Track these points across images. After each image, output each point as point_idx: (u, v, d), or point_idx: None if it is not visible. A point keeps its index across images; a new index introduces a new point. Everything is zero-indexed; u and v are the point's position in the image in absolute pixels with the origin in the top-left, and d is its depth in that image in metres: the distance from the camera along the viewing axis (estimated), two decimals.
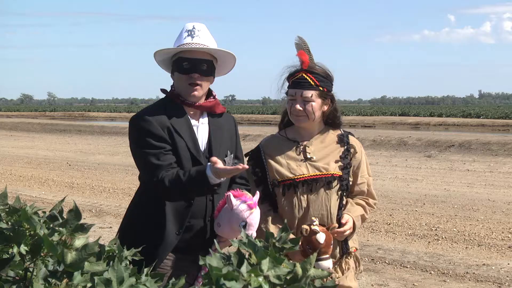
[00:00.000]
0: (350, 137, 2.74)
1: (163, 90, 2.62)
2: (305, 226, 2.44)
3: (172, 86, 2.59)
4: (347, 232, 2.57)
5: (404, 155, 16.33)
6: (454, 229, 7.48)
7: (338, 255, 2.64)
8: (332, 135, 2.72)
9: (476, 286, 5.37)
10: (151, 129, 2.43)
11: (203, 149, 2.54)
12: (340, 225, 2.56)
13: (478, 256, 6.32)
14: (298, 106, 2.60)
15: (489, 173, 13.06)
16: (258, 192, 2.48)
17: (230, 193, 2.41)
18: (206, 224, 2.53)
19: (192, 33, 2.51)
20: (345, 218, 2.58)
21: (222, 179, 2.34)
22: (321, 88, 2.62)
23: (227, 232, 2.43)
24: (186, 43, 2.49)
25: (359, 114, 53.09)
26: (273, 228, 2.54)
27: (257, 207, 2.42)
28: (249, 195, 2.44)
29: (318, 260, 2.37)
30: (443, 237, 7.13)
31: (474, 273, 5.70)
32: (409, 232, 7.36)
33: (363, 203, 2.71)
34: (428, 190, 10.58)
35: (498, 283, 5.42)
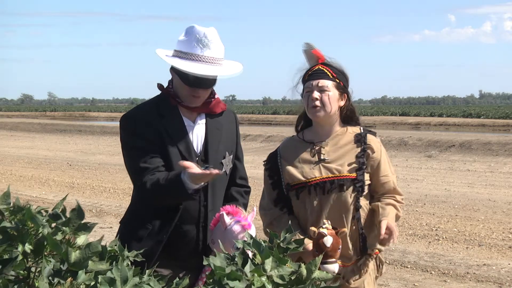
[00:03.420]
0: (368, 136, 2.64)
1: (159, 86, 2.49)
2: (313, 229, 2.39)
3: (170, 83, 2.47)
4: (387, 237, 2.47)
5: (405, 155, 16.33)
6: (455, 229, 7.49)
7: (354, 257, 2.57)
8: (350, 135, 2.64)
9: (476, 286, 5.38)
10: (140, 130, 2.34)
11: (199, 151, 2.43)
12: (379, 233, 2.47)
13: (479, 256, 6.32)
14: (315, 94, 2.53)
15: (490, 173, 13.06)
16: (254, 209, 2.40)
17: (224, 212, 2.31)
18: (199, 230, 2.42)
19: (203, 43, 2.34)
20: (382, 224, 2.48)
21: (198, 185, 2.21)
22: (337, 80, 2.58)
23: (221, 250, 2.38)
24: (195, 55, 2.33)
25: (360, 114, 52.56)
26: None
27: (252, 227, 2.33)
28: (244, 213, 2.34)
29: (324, 263, 2.31)
30: (444, 237, 7.13)
31: (474, 273, 5.70)
32: (410, 232, 7.36)
33: (392, 201, 2.62)
34: (428, 190, 10.58)
35: (498, 283, 5.42)
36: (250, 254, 1.19)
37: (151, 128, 2.35)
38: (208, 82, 2.38)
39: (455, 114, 47.34)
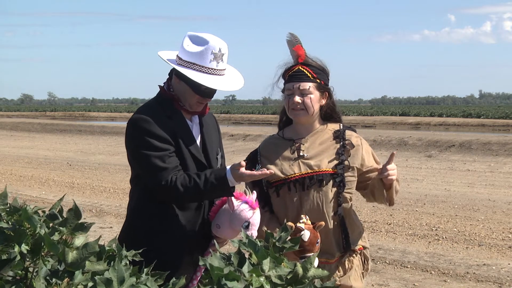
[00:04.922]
0: (347, 131, 2.66)
1: (161, 88, 2.55)
2: (290, 224, 2.40)
3: (170, 87, 2.53)
4: (393, 172, 2.51)
5: (405, 155, 16.32)
6: (455, 229, 7.48)
7: (337, 253, 2.58)
8: (329, 131, 2.67)
9: (476, 286, 5.37)
10: (155, 131, 2.39)
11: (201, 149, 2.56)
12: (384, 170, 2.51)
13: (479, 256, 6.32)
14: (296, 98, 2.55)
15: (490, 173, 13.05)
16: (254, 192, 2.48)
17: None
18: (203, 222, 2.51)
19: (218, 58, 2.45)
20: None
21: (238, 183, 2.37)
22: (318, 81, 2.59)
23: (227, 233, 2.43)
24: (212, 69, 2.44)
25: (360, 114, 53.09)
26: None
27: (258, 206, 2.44)
28: (249, 195, 2.44)
29: (302, 258, 2.33)
30: (444, 237, 7.13)
31: (474, 273, 5.70)
32: (410, 232, 7.36)
33: None
34: (428, 190, 10.58)
35: (498, 283, 5.42)
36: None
37: (164, 128, 2.42)
38: (215, 91, 2.49)
39: (455, 114, 47.31)
